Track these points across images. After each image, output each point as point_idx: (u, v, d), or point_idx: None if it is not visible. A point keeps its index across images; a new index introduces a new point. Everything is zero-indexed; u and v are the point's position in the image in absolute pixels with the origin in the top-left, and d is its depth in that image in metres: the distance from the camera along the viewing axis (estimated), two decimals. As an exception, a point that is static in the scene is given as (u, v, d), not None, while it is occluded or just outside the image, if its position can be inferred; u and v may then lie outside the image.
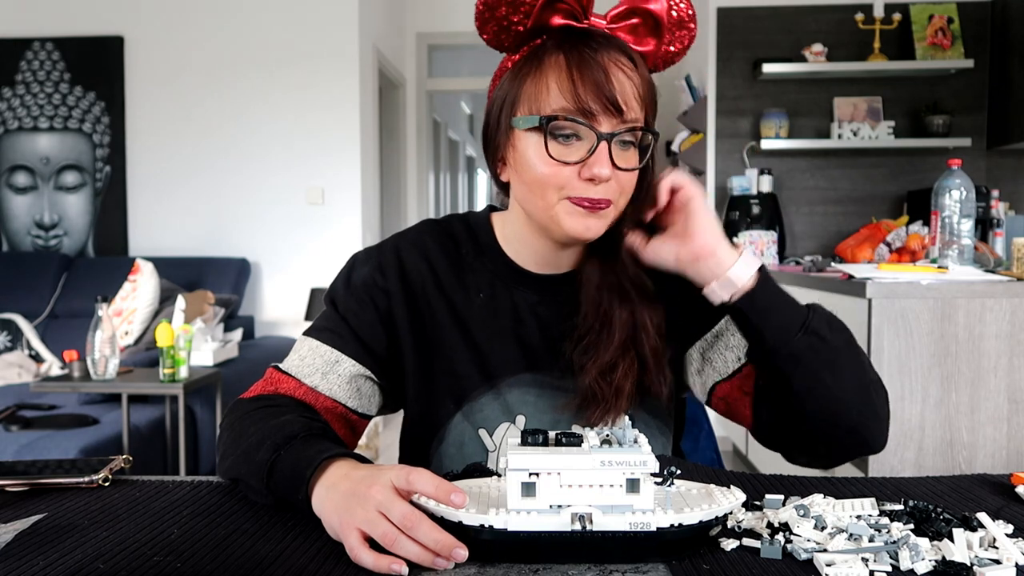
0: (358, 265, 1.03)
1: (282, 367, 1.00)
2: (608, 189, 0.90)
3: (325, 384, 0.97)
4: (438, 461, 1.00)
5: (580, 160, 0.89)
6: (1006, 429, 2.03)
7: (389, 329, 1.00)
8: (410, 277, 1.01)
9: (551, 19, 0.90)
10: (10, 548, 0.70)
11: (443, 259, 1.02)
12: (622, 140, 0.91)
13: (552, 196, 0.91)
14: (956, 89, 3.95)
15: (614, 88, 0.88)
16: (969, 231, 2.22)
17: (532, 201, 0.94)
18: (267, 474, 0.80)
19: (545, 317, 1.00)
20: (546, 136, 0.89)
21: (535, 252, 1.00)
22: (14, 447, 2.57)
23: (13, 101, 4.33)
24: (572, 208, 0.91)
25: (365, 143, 4.35)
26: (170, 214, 4.33)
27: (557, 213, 0.92)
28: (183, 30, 4.27)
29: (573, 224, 0.91)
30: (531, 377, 0.98)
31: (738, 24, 4.02)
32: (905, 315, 2.02)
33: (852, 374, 0.89)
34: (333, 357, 0.98)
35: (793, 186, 4.07)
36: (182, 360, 2.72)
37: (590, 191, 0.90)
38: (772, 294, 0.90)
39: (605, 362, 0.94)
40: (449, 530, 0.67)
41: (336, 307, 1.01)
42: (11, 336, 3.86)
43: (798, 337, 0.87)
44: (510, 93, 0.93)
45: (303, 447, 0.81)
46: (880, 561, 0.64)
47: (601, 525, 0.64)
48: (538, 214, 0.94)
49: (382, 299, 1.00)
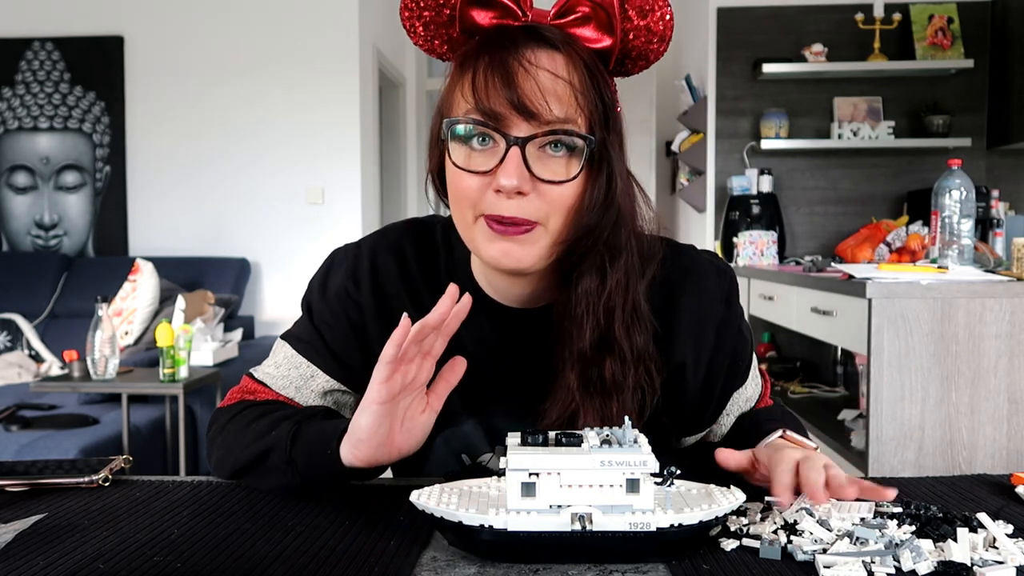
0: (335, 267, 0.97)
1: (258, 376, 0.97)
2: (526, 206, 0.78)
3: (300, 398, 0.95)
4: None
5: (488, 170, 0.78)
6: (1006, 429, 2.03)
7: (361, 339, 0.93)
8: (384, 288, 0.93)
9: (478, 19, 0.82)
10: (10, 548, 0.70)
11: (417, 270, 0.94)
12: (546, 146, 0.79)
13: (468, 214, 0.82)
14: (956, 89, 3.95)
15: (524, 86, 0.77)
16: (969, 231, 2.22)
17: (456, 221, 0.85)
18: (290, 442, 0.81)
19: (516, 350, 0.91)
20: (448, 143, 0.80)
21: (494, 280, 0.90)
22: (14, 447, 2.57)
23: (13, 101, 4.33)
24: (486, 230, 0.81)
25: (365, 143, 4.35)
26: (170, 214, 4.33)
27: (475, 236, 0.82)
28: (183, 30, 4.27)
29: (488, 249, 0.81)
30: (511, 402, 0.90)
31: (738, 24, 4.02)
32: (905, 315, 2.02)
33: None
34: (308, 372, 0.95)
35: (793, 186, 4.07)
36: (182, 360, 2.72)
37: (501, 206, 0.78)
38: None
39: (559, 420, 0.83)
40: (449, 530, 0.67)
41: (312, 316, 0.96)
42: (11, 336, 3.86)
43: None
44: (439, 103, 0.85)
45: (324, 420, 0.84)
46: (882, 563, 0.64)
47: (601, 525, 0.64)
48: (464, 236, 0.85)
49: (354, 312, 0.94)
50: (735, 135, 4.07)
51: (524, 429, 0.69)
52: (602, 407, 0.82)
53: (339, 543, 0.71)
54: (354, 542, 0.71)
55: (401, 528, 0.74)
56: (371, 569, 0.65)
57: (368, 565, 0.66)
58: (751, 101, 4.05)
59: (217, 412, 0.97)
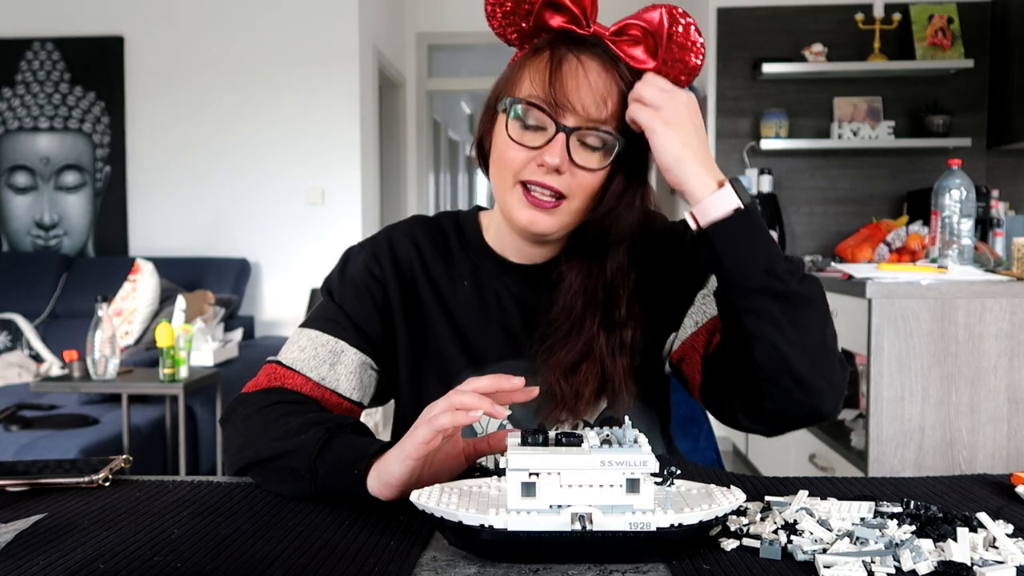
0: (353, 256, 1.07)
1: (285, 362, 1.00)
2: (561, 181, 0.93)
3: (332, 376, 0.99)
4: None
5: (537, 147, 0.93)
6: (1006, 429, 2.03)
7: (385, 315, 1.03)
8: (402, 265, 1.05)
9: (551, 20, 0.94)
10: (10, 548, 0.70)
11: (431, 248, 1.06)
12: (586, 141, 0.93)
13: (508, 178, 0.95)
14: (956, 89, 3.95)
15: (580, 87, 0.91)
16: (969, 231, 2.22)
17: (495, 183, 0.98)
18: (317, 450, 0.82)
19: (527, 305, 1.03)
20: (508, 117, 0.94)
21: (514, 243, 1.03)
22: (14, 447, 2.57)
23: (13, 101, 4.33)
24: (520, 198, 0.95)
25: (365, 143, 4.35)
26: (170, 214, 4.33)
27: (510, 199, 0.96)
28: (183, 30, 4.27)
29: (519, 214, 0.95)
30: (516, 364, 1.00)
31: (738, 24, 4.02)
32: (905, 315, 2.02)
33: (810, 328, 0.87)
34: (337, 347, 1.00)
35: (793, 186, 4.07)
36: (182, 360, 2.72)
37: (539, 174, 0.93)
38: (747, 231, 0.87)
39: (567, 363, 0.96)
40: (449, 530, 0.67)
41: (333, 298, 1.04)
42: (11, 336, 3.86)
43: (759, 276, 0.85)
44: (501, 81, 0.99)
45: (355, 435, 0.86)
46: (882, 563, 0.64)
47: (601, 525, 0.64)
48: (497, 197, 0.99)
49: (377, 287, 1.03)
50: (735, 135, 4.07)
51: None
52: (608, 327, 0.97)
53: (339, 543, 0.71)
54: (354, 542, 0.71)
55: (401, 528, 0.74)
56: (371, 569, 0.65)
57: (368, 565, 0.66)
58: (751, 101, 4.05)
59: (242, 397, 0.97)
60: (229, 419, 0.95)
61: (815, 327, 0.87)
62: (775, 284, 0.86)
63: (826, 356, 0.88)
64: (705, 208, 0.88)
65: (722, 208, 0.87)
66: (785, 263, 0.87)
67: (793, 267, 0.88)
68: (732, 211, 0.87)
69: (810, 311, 0.87)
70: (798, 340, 0.85)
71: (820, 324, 0.88)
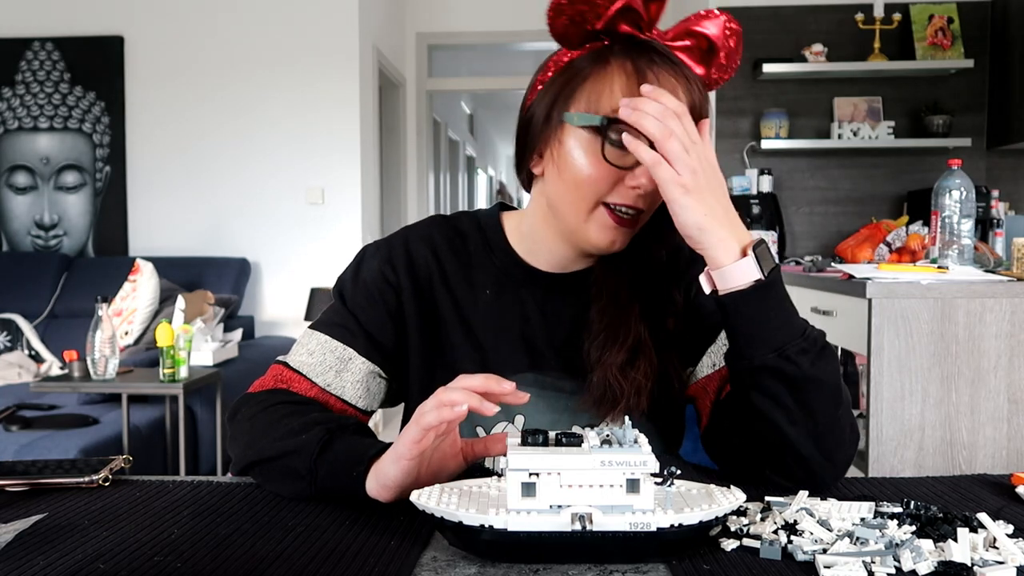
0: (367, 258, 1.02)
1: (292, 365, 0.98)
2: (646, 199, 0.90)
3: (338, 383, 0.97)
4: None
5: (625, 166, 0.88)
6: (1006, 429, 2.03)
7: (398, 324, 0.99)
8: (418, 271, 1.00)
9: (619, 25, 0.90)
10: (10, 548, 0.70)
11: (450, 255, 1.01)
12: None
13: (589, 199, 0.90)
14: (956, 89, 3.95)
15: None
16: (969, 231, 2.22)
17: (565, 201, 0.92)
18: (318, 450, 0.82)
19: (551, 316, 0.99)
20: (604, 137, 0.88)
21: (549, 252, 0.99)
22: (14, 447, 2.57)
23: (13, 101, 4.33)
24: (605, 220, 0.91)
25: (365, 143, 4.35)
26: (170, 214, 4.33)
27: (588, 221, 0.92)
28: (183, 30, 4.27)
29: (601, 236, 0.92)
30: (533, 377, 0.97)
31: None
32: (905, 315, 2.02)
33: (817, 412, 0.84)
34: (346, 354, 0.97)
35: (793, 186, 4.07)
36: (182, 360, 2.72)
37: (630, 198, 0.89)
38: (762, 306, 0.83)
39: (624, 358, 0.93)
40: (449, 530, 0.67)
41: (345, 301, 1.00)
42: (11, 336, 3.86)
43: (769, 355, 0.82)
44: (567, 87, 0.91)
45: (356, 436, 0.85)
46: (882, 563, 0.64)
47: (601, 525, 0.64)
48: (568, 217, 0.93)
49: (391, 294, 0.99)
50: (735, 135, 4.07)
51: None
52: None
53: (339, 543, 0.71)
54: (354, 542, 0.71)
55: (401, 528, 0.74)
56: (371, 569, 0.65)
57: (368, 565, 0.66)
58: (751, 101, 4.05)
59: (246, 398, 0.96)
60: (235, 418, 0.95)
61: (824, 410, 0.84)
62: (785, 366, 0.82)
63: (834, 437, 0.85)
64: (723, 275, 0.83)
65: (741, 278, 0.82)
66: (800, 341, 0.83)
67: (809, 344, 0.83)
68: (752, 283, 0.82)
69: (820, 394, 0.84)
70: (803, 422, 0.83)
71: (831, 405, 0.85)
